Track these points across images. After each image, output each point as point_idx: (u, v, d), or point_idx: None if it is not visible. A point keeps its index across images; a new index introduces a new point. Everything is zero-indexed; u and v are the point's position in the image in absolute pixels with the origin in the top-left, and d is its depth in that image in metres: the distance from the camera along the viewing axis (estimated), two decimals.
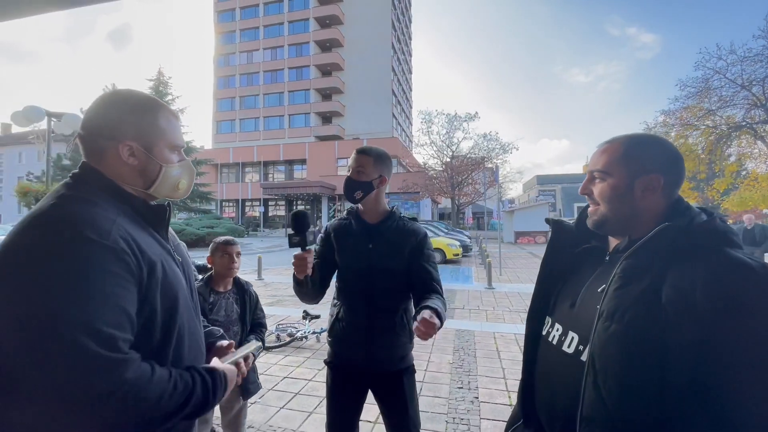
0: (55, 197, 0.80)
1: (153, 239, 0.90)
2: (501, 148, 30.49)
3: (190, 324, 0.94)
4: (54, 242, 0.71)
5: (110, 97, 0.91)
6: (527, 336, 1.05)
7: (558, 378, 0.90)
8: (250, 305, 2.08)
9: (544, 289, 1.03)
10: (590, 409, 0.78)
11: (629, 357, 0.74)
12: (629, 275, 0.79)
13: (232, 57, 47.12)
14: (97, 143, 0.88)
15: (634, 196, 0.85)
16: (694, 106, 22.19)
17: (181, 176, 0.98)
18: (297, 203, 35.53)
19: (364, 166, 1.55)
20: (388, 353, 1.56)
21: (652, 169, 0.84)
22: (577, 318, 0.89)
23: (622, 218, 0.87)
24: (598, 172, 0.89)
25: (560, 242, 1.03)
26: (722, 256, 0.72)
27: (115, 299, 0.72)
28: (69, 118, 8.35)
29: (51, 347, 0.65)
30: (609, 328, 0.77)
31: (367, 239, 1.58)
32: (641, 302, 0.75)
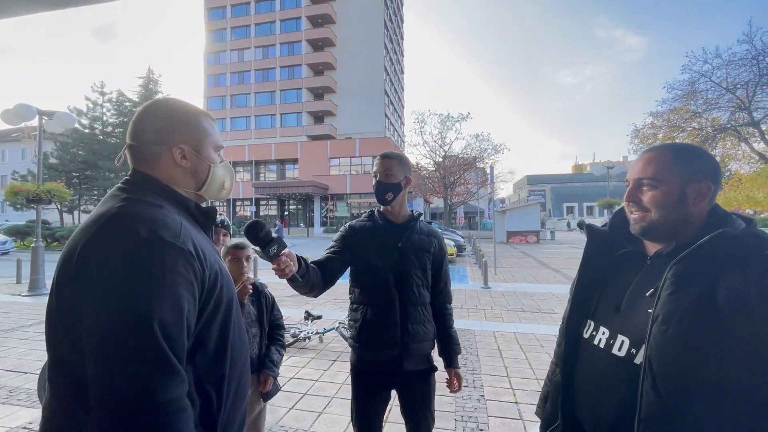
0: (118, 200, 0.82)
1: (207, 240, 0.93)
2: (493, 149, 30.77)
3: (241, 321, 0.98)
4: (132, 241, 0.73)
5: (155, 106, 0.95)
6: (567, 339, 1.07)
7: (607, 380, 0.92)
8: (267, 306, 2.08)
9: (584, 293, 1.05)
10: (649, 412, 0.80)
11: (688, 359, 0.77)
12: (682, 279, 0.82)
13: (223, 55, 46.63)
14: (151, 150, 0.91)
15: (687, 203, 0.88)
16: (681, 109, 22.68)
17: (225, 176, 1.03)
18: (288, 203, 35.35)
19: (390, 168, 1.63)
20: (420, 349, 1.62)
21: (703, 177, 0.88)
22: (625, 321, 0.92)
23: (672, 224, 0.90)
24: (648, 180, 0.91)
25: (596, 247, 1.06)
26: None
27: (182, 303, 0.75)
28: (61, 116, 8.19)
29: (124, 336, 0.68)
30: (666, 332, 0.80)
31: (397, 238, 1.64)
32: (698, 306, 0.78)
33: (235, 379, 0.92)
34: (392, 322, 1.58)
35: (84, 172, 26.39)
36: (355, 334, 1.64)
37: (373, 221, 1.71)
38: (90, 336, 0.69)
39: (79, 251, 0.74)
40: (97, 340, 0.69)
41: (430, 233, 1.72)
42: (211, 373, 0.85)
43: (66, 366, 0.74)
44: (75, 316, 0.72)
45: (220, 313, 0.87)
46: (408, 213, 1.72)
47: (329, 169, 34.38)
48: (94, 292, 0.71)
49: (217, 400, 0.86)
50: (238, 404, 0.94)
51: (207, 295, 0.83)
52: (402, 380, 1.64)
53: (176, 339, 0.73)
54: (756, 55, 19.57)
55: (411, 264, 1.62)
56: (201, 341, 0.83)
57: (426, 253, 1.67)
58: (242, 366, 0.95)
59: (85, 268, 0.73)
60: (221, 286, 0.87)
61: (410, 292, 1.61)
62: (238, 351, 0.93)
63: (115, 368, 0.68)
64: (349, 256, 1.65)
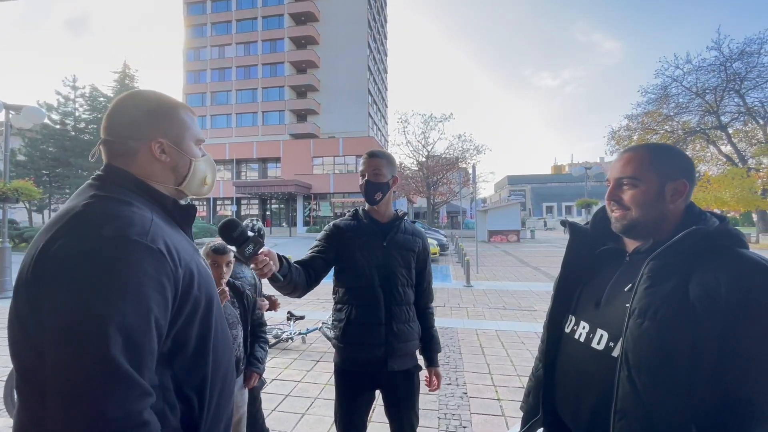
0: (86, 198, 0.77)
1: (184, 239, 0.89)
2: (475, 149, 31.15)
3: (223, 321, 0.95)
4: (94, 242, 0.69)
5: (131, 99, 0.90)
6: (549, 335, 1.10)
7: (586, 374, 0.95)
8: (249, 306, 2.05)
9: (566, 289, 1.08)
10: (625, 403, 0.83)
11: (662, 352, 0.80)
12: (657, 274, 0.85)
13: (203, 51, 45.58)
14: (127, 145, 0.86)
15: (665, 201, 0.92)
16: (654, 112, 23.56)
17: (206, 171, 0.99)
18: (271, 202, 34.88)
19: (379, 167, 1.62)
20: (405, 348, 1.62)
21: (679, 175, 0.92)
22: (604, 316, 0.95)
23: (652, 222, 0.93)
24: (627, 179, 0.95)
25: (578, 244, 1.09)
26: (740, 256, 0.82)
27: (150, 305, 0.71)
28: (30, 111, 7.83)
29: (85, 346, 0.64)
30: (642, 325, 0.83)
31: (382, 237, 1.64)
32: (672, 300, 0.82)
33: (219, 381, 0.89)
34: (377, 321, 1.57)
35: (54, 170, 25.28)
36: (339, 334, 1.62)
37: (358, 220, 1.69)
38: (47, 341, 0.65)
39: (39, 252, 0.70)
40: (52, 345, 0.65)
41: (415, 233, 1.73)
42: (191, 377, 0.82)
43: (31, 374, 0.70)
44: (35, 321, 0.68)
45: (199, 314, 0.83)
46: (393, 212, 1.72)
47: (312, 168, 34.08)
48: (51, 296, 0.66)
49: (199, 404, 0.82)
50: (222, 406, 0.91)
51: (183, 296, 0.79)
52: (386, 380, 1.63)
53: (141, 345, 0.69)
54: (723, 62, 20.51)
55: (396, 263, 1.62)
56: (179, 344, 0.79)
57: (410, 252, 1.68)
58: (226, 367, 0.92)
59: (44, 269, 0.68)
60: (198, 286, 0.83)
61: (395, 291, 1.61)
62: (221, 352, 0.90)
63: (68, 378, 0.64)
64: (333, 255, 1.64)
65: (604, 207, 1.06)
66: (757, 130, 22.14)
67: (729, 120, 22.26)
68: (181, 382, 0.80)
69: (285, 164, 35.08)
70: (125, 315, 0.67)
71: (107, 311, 0.65)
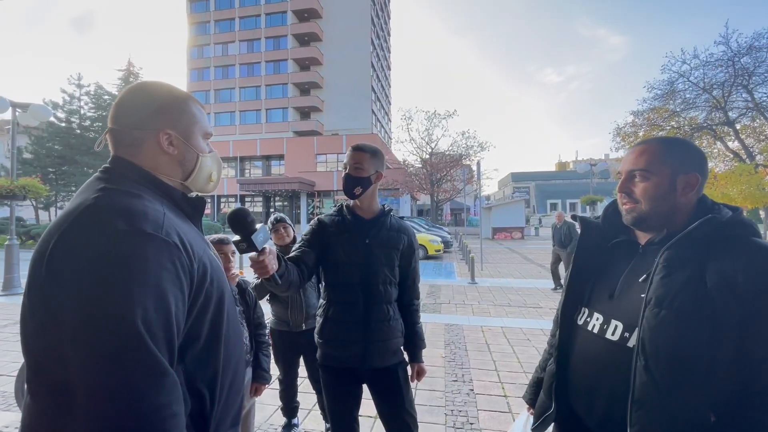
0: (96, 191, 0.76)
1: (195, 232, 0.88)
2: (479, 146, 31.00)
3: (235, 316, 0.95)
4: (110, 235, 0.68)
5: (141, 88, 0.88)
6: (561, 327, 1.09)
7: (601, 364, 0.95)
8: (251, 304, 2.03)
9: (578, 282, 1.08)
10: (642, 392, 0.83)
11: (681, 340, 0.81)
12: (673, 264, 0.86)
13: (207, 48, 45.61)
14: (134, 135, 0.84)
15: (677, 194, 0.92)
16: (661, 108, 23.31)
17: (213, 167, 0.97)
18: (274, 200, 34.95)
19: (361, 162, 1.58)
20: (384, 347, 1.59)
21: (692, 168, 0.92)
22: (619, 307, 0.95)
23: (662, 214, 0.93)
24: (639, 171, 0.95)
25: (589, 238, 1.09)
26: (755, 244, 0.83)
27: (168, 298, 0.70)
28: (36, 108, 7.87)
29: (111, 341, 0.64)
30: (659, 315, 0.83)
31: (364, 234, 1.60)
32: (688, 288, 0.82)
33: (229, 374, 0.88)
34: (355, 319, 1.56)
35: (61, 168, 25.47)
36: (319, 330, 1.62)
37: (341, 216, 1.66)
38: (71, 340, 0.64)
39: (52, 248, 0.68)
40: (79, 344, 0.64)
41: (400, 229, 1.68)
42: (203, 371, 0.81)
43: (43, 369, 0.69)
44: (49, 316, 0.67)
45: (211, 308, 0.83)
46: (378, 208, 1.69)
47: (316, 165, 34.08)
48: (70, 294, 0.65)
49: (210, 398, 0.82)
50: (232, 400, 0.90)
51: (197, 290, 0.78)
52: (368, 377, 1.63)
53: (164, 338, 0.68)
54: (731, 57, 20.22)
55: (378, 261, 1.59)
56: (192, 338, 0.79)
57: (394, 249, 1.63)
58: (237, 361, 0.92)
59: (59, 266, 0.67)
60: (211, 279, 0.82)
61: (375, 289, 1.58)
62: (232, 346, 0.89)
63: (99, 375, 0.63)
64: (318, 250, 1.61)
65: (615, 200, 1.06)
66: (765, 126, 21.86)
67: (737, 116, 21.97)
68: (193, 376, 0.79)
69: (288, 161, 35.10)
70: (146, 310, 0.66)
71: (130, 307, 0.65)
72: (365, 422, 2.64)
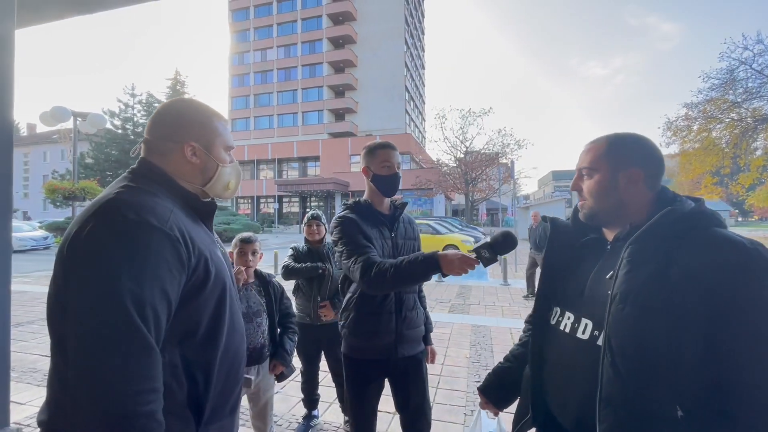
0: (118, 187, 0.88)
1: (202, 230, 0.97)
2: (516, 144, 30.09)
3: (237, 310, 1.01)
4: (120, 223, 0.78)
5: (173, 105, 1.01)
6: (535, 329, 1.09)
7: (573, 364, 0.94)
8: (275, 296, 2.13)
9: (550, 283, 1.08)
10: (609, 390, 0.82)
11: (644, 336, 0.79)
12: (636, 259, 0.85)
13: (247, 55, 47.62)
14: (165, 145, 0.96)
15: (619, 189, 0.93)
16: (718, 99, 21.47)
17: (231, 177, 1.07)
18: (310, 200, 35.85)
19: (398, 159, 1.69)
20: (414, 335, 1.66)
21: (632, 164, 0.92)
22: (588, 305, 0.94)
23: (610, 209, 0.95)
24: (585, 169, 0.98)
25: (559, 238, 1.10)
26: (718, 235, 0.80)
27: (162, 283, 0.78)
28: (94, 117, 8.61)
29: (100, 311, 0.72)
30: (623, 310, 0.82)
31: (389, 228, 1.68)
32: (652, 283, 0.80)
33: (226, 365, 0.94)
34: (388, 310, 1.60)
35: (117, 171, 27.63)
36: (351, 324, 1.63)
37: (363, 212, 1.67)
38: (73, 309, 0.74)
39: (75, 231, 0.79)
40: (75, 317, 0.73)
41: (411, 221, 1.82)
42: (200, 358, 0.88)
43: (63, 340, 0.78)
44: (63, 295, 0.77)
45: (212, 301, 0.90)
46: (388, 202, 1.75)
47: (350, 166, 34.60)
48: (80, 269, 0.75)
49: (204, 384, 0.89)
50: (228, 389, 0.97)
51: (195, 281, 0.86)
52: (395, 367, 1.65)
53: (152, 318, 0.76)
54: None
55: (403, 253, 1.66)
56: (191, 327, 0.86)
57: (412, 240, 1.74)
58: (234, 354, 0.98)
59: (77, 247, 0.77)
60: (211, 274, 0.90)
61: None
62: (231, 339, 0.96)
63: (91, 342, 0.72)
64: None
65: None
66: None
67: None
68: (190, 362, 0.86)
69: (324, 163, 35.91)
70: (143, 289, 0.75)
71: (126, 285, 0.73)
72: (384, 417, 2.67)
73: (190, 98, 1.06)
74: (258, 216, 36.04)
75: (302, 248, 2.76)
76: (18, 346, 4.36)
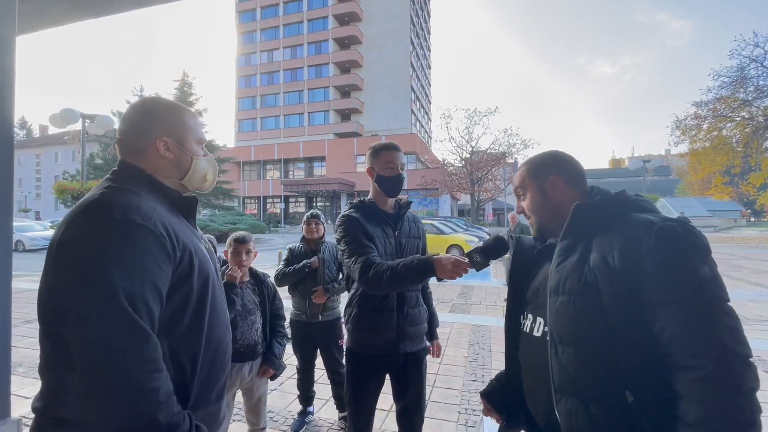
0: (102, 188, 0.92)
1: (185, 225, 1.01)
2: (522, 143, 29.89)
3: (220, 302, 1.05)
4: (105, 223, 0.82)
5: (141, 104, 1.04)
6: (507, 335, 1.13)
7: (534, 363, 0.98)
8: (268, 296, 2.16)
9: (516, 289, 1.13)
10: (559, 381, 0.86)
11: (576, 321, 0.84)
12: (564, 252, 0.91)
13: (253, 56, 47.97)
14: (137, 143, 1.00)
15: (548, 197, 1.03)
16: (729, 97, 21.13)
17: (207, 169, 1.11)
18: (316, 200, 36.01)
19: (402, 160, 1.73)
20: (416, 332, 1.69)
21: (547, 173, 1.03)
22: (540, 304, 0.99)
23: (551, 217, 1.02)
24: (519, 189, 1.10)
25: (520, 251, 1.16)
26: (632, 219, 0.84)
27: (151, 277, 0.83)
28: (101, 119, 8.77)
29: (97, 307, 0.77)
30: (557, 301, 0.88)
31: (392, 227, 1.70)
32: (575, 271, 0.86)
33: (211, 353, 0.99)
34: (390, 307, 1.63)
35: None
36: (353, 319, 1.67)
37: (365, 211, 1.70)
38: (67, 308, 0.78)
39: (63, 231, 0.83)
40: (73, 312, 0.77)
41: (416, 220, 1.83)
42: (186, 347, 0.92)
43: (51, 330, 0.84)
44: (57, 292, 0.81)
45: (196, 291, 0.94)
46: (392, 202, 1.77)
47: (356, 166, 34.70)
48: (69, 268, 0.79)
49: (191, 371, 0.93)
50: (214, 377, 1.01)
51: (180, 274, 0.90)
52: (397, 362, 1.68)
53: (145, 309, 0.80)
54: None
55: (406, 252, 1.69)
56: (177, 316, 0.91)
57: (416, 239, 1.76)
58: (219, 341, 1.02)
59: (66, 245, 0.82)
60: (195, 267, 0.94)
61: None
62: (215, 328, 1.00)
63: (88, 337, 0.76)
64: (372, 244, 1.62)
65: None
66: None
67: None
68: (176, 350, 0.91)
69: (330, 163, 36.05)
70: (134, 284, 0.79)
71: (117, 281, 0.78)
72: (379, 414, 2.70)
73: (158, 96, 1.10)
74: (264, 216, 36.28)
75: (298, 248, 2.80)
76: (27, 342, 4.47)
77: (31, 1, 2.22)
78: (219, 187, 28.03)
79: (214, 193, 27.95)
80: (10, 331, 1.60)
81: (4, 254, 1.56)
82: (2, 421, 1.57)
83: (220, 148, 28.00)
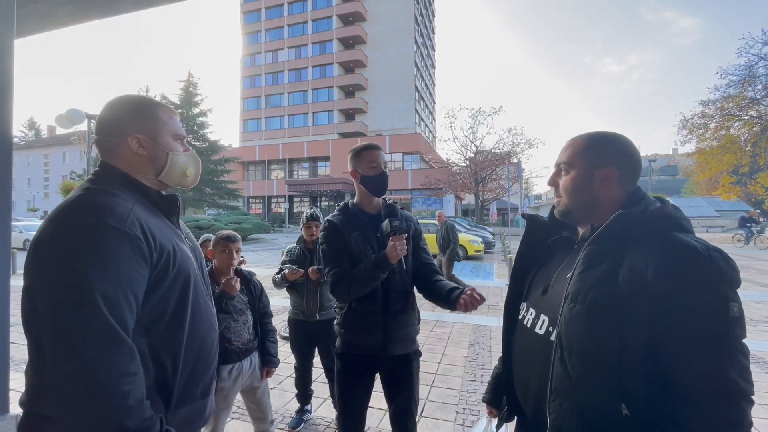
0: (80, 190, 0.92)
1: (165, 225, 1.01)
2: (527, 143, 29.75)
3: (203, 301, 1.05)
4: (80, 227, 0.82)
5: (113, 102, 1.03)
6: (505, 324, 1.12)
7: (531, 357, 0.98)
8: (255, 294, 2.16)
9: (519, 278, 1.11)
10: (558, 383, 0.86)
11: (591, 334, 0.81)
12: (591, 260, 0.86)
13: (258, 56, 48.14)
14: (110, 142, 1.00)
15: (593, 187, 0.93)
16: (737, 96, 20.85)
17: (188, 164, 1.09)
18: (321, 200, 36.08)
19: (382, 158, 1.72)
20: (404, 334, 1.67)
21: (607, 163, 0.92)
22: (548, 302, 0.97)
23: (583, 207, 0.95)
24: (564, 165, 0.98)
25: (534, 235, 1.11)
26: (672, 239, 0.79)
27: (125, 279, 0.83)
28: None
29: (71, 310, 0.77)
30: (573, 309, 0.85)
31: (374, 229, 1.67)
32: (601, 284, 0.82)
33: (193, 351, 0.99)
34: (375, 309, 1.62)
35: None
36: (341, 320, 1.69)
37: (348, 214, 1.71)
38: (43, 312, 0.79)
39: (39, 234, 0.84)
40: (47, 315, 0.78)
41: (407, 219, 1.78)
42: (166, 345, 0.93)
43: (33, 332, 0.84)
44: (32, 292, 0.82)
45: (175, 291, 0.94)
46: (379, 203, 1.75)
47: None
48: (46, 272, 0.80)
49: (172, 369, 0.94)
50: (198, 375, 1.01)
51: (158, 274, 0.90)
52: (385, 364, 1.68)
53: (121, 313, 0.81)
54: None
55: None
56: (156, 316, 0.91)
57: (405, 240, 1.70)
58: (202, 338, 1.03)
59: (41, 249, 0.83)
60: (174, 266, 0.94)
61: (392, 279, 1.63)
62: (197, 326, 1.00)
63: (63, 339, 0.77)
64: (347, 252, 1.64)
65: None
66: None
67: None
68: (157, 348, 0.91)
69: (334, 163, 36.07)
70: (108, 287, 0.79)
71: (92, 284, 0.78)
72: (376, 413, 2.71)
73: (130, 93, 1.08)
74: (269, 216, 36.41)
75: (296, 250, 2.80)
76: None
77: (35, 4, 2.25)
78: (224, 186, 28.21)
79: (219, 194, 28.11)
80: (8, 328, 1.62)
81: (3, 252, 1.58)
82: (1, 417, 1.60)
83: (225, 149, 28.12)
